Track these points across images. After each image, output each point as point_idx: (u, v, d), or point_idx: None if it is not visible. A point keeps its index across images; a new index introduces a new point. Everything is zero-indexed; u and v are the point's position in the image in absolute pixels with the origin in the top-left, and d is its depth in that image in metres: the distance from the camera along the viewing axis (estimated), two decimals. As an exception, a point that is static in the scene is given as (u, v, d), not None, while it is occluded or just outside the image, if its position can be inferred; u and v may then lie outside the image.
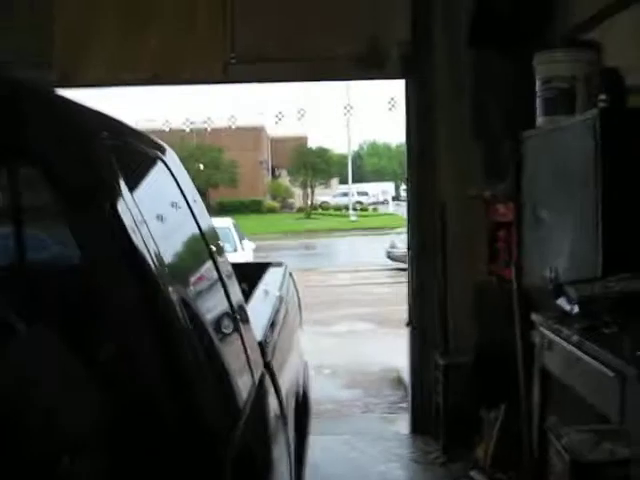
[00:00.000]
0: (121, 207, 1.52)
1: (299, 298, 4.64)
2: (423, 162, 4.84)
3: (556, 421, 2.89)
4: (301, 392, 3.67)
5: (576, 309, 2.63)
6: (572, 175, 3.21)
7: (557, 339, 2.70)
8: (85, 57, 4.74)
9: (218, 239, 2.59)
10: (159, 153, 2.18)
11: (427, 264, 4.85)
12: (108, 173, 1.57)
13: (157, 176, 2.13)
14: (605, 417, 2.34)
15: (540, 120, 3.59)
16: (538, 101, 3.58)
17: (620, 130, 2.93)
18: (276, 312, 3.34)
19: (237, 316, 2.31)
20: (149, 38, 4.75)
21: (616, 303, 2.52)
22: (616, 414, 2.20)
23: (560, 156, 3.34)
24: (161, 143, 2.28)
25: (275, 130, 45.78)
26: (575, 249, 3.16)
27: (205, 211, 2.49)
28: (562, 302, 2.70)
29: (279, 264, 4.80)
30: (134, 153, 1.91)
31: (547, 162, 3.49)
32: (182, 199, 2.21)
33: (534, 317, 3.00)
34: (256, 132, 46.51)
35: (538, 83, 3.58)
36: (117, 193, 1.55)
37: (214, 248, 2.36)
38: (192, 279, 2.00)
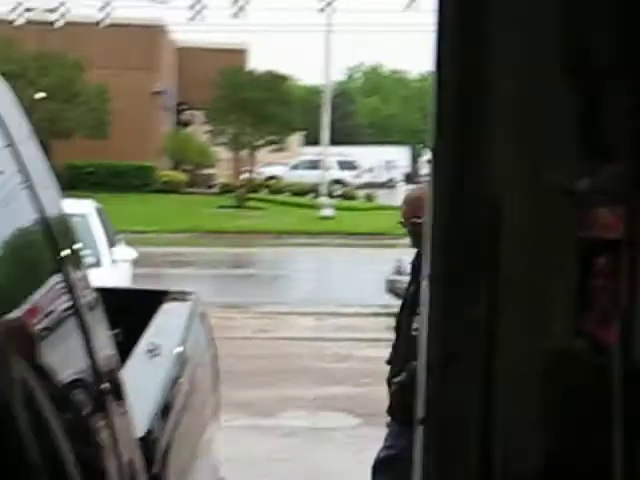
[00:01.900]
0: None
1: (217, 362, 4.72)
2: (465, 117, 4.96)
3: None
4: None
5: None
6: None
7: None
8: None
9: (74, 240, 2.66)
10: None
11: (456, 311, 4.96)
12: None
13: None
14: None
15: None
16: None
17: None
18: (173, 387, 3.41)
19: (103, 388, 2.38)
20: None
21: None
22: None
23: None
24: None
25: (188, 34, 45.81)
26: None
27: (54, 186, 2.57)
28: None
29: (184, 295, 4.87)
30: None
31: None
32: (9, 161, 2.29)
33: (651, 421, 3.11)
34: (150, 35, 46.36)
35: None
36: None
37: (67, 256, 2.43)
38: (23, 311, 2.06)
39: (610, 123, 4.71)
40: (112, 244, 14.02)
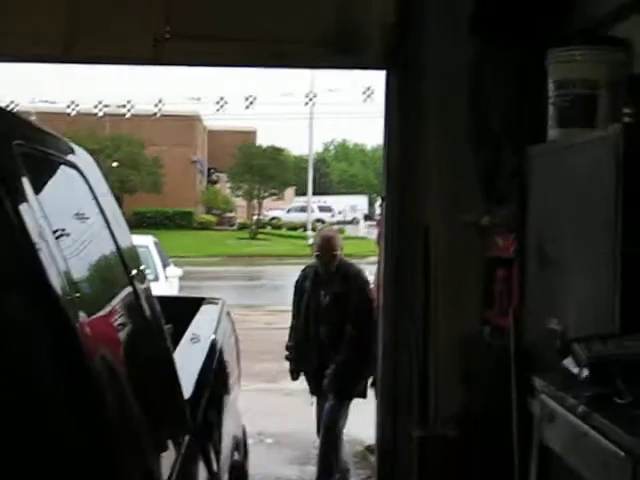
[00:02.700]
0: (27, 220, 1.62)
1: (238, 345, 4.73)
2: (405, 175, 4.95)
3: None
4: (237, 466, 3.74)
5: (585, 373, 2.76)
6: (588, 205, 3.35)
7: (560, 409, 2.83)
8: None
9: (140, 263, 2.68)
10: (70, 157, 2.28)
11: (402, 307, 4.96)
12: (8, 180, 1.67)
13: (65, 183, 2.23)
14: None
15: (552, 133, 3.75)
16: (551, 109, 3.74)
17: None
18: (209, 363, 3.42)
19: (162, 365, 2.39)
20: (59, 2, 4.83)
21: (634, 368, 2.65)
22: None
23: (575, 180, 3.49)
24: (73, 145, 2.39)
25: (214, 121, 45.88)
26: (589, 297, 3.30)
27: (125, 226, 2.60)
28: (569, 363, 2.84)
29: (215, 300, 4.89)
30: (40, 157, 2.01)
31: (559, 187, 3.63)
32: (97, 211, 2.31)
33: (535, 381, 3.13)
34: (189, 122, 46.50)
35: (551, 87, 3.74)
36: (19, 203, 1.65)
37: (135, 274, 2.45)
38: (107, 310, 2.08)
39: (501, 178, 4.71)
40: (165, 265, 14.15)
